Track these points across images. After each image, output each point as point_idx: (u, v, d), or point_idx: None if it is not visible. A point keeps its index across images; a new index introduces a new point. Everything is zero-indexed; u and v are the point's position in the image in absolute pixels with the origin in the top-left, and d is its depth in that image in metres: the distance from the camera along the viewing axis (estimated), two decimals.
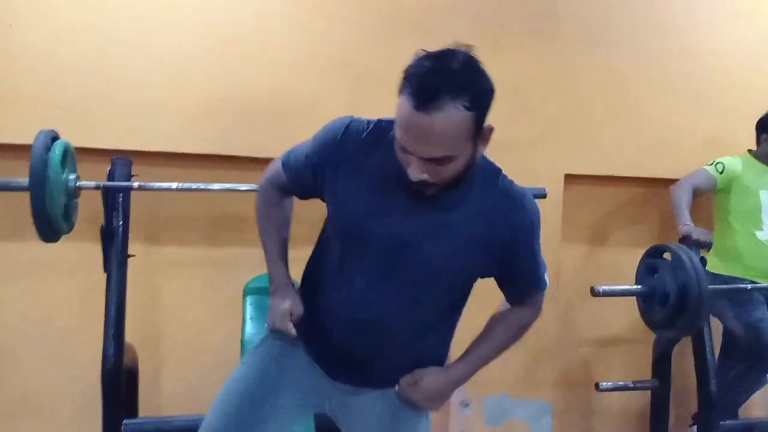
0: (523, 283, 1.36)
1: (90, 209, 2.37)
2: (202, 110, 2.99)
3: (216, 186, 2.45)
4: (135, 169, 2.46)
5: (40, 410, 3.07)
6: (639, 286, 2.90)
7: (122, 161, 2.36)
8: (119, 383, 2.26)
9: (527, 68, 3.39)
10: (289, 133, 3.10)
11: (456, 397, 3.51)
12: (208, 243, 3.18)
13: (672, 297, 2.68)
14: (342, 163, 1.27)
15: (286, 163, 1.45)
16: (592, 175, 3.52)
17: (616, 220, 3.74)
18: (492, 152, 2.24)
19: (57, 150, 2.10)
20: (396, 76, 1.16)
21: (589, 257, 3.71)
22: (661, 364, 3.16)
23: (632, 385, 3.23)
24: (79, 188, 2.22)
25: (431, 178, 1.12)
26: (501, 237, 1.25)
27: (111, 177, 2.32)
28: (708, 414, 2.91)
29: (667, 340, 3.10)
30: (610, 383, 3.17)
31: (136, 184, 2.30)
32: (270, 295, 1.44)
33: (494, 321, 1.40)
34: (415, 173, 1.11)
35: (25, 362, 3.06)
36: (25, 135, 2.63)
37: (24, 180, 2.03)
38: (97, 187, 2.24)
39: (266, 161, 3.05)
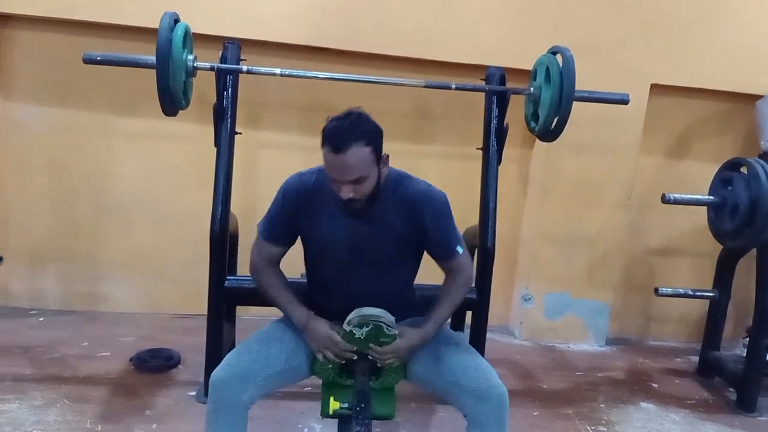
0: (439, 250, 1.81)
1: (197, 92, 2.59)
2: (303, 5, 3.17)
3: (321, 74, 2.56)
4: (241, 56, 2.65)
5: (151, 265, 3.52)
6: (711, 197, 2.93)
7: (233, 46, 2.52)
8: (224, 244, 2.46)
9: None
10: (382, 28, 3.24)
11: (518, 291, 3.74)
12: (301, 129, 3.44)
13: (742, 208, 2.72)
14: (305, 207, 1.77)
15: (266, 234, 1.83)
16: (678, 86, 3.48)
17: (699, 134, 3.71)
18: (580, 54, 2.33)
19: (179, 31, 2.27)
20: None
21: (666, 169, 3.73)
22: (723, 276, 3.20)
23: (691, 293, 3.23)
24: (196, 68, 2.41)
25: (355, 195, 1.63)
26: (413, 220, 1.75)
27: (223, 60, 2.48)
28: (762, 328, 2.91)
29: (732, 253, 3.13)
30: (669, 289, 3.19)
31: (245, 68, 2.45)
32: (303, 330, 1.76)
33: (442, 290, 1.86)
34: (345, 194, 1.63)
35: (138, 223, 3.47)
36: (146, 19, 2.90)
37: (151, 57, 2.23)
38: (211, 68, 2.41)
39: (359, 55, 3.24)
